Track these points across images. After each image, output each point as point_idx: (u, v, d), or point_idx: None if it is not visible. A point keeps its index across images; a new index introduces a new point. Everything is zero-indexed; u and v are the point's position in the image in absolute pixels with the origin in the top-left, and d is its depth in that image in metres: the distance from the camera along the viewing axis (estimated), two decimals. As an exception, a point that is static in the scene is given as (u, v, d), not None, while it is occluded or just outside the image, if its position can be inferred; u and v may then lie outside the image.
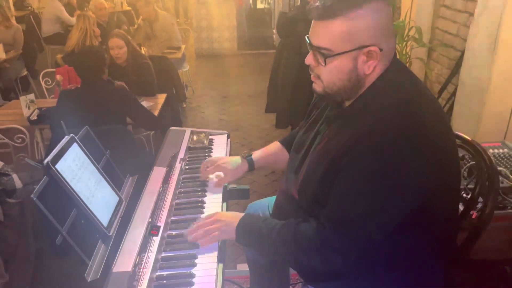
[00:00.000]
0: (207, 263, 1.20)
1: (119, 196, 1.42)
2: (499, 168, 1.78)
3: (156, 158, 1.71)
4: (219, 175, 1.60)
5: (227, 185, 1.61)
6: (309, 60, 1.17)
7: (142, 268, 1.15)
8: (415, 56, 3.27)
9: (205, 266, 1.18)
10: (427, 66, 3.27)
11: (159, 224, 1.31)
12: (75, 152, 1.29)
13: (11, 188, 2.03)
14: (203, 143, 1.87)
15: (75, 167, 1.25)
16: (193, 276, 1.16)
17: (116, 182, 1.46)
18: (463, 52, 2.68)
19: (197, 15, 7.82)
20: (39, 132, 3.24)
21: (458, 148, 1.30)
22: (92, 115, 2.57)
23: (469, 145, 1.41)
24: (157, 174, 1.57)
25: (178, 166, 1.65)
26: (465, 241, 1.35)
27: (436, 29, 3.24)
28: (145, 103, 3.22)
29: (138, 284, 1.10)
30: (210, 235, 1.25)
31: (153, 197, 1.43)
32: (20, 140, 2.88)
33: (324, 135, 1.25)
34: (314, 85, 1.21)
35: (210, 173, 1.60)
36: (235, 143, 4.08)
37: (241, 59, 7.75)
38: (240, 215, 1.30)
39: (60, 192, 1.17)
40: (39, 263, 1.93)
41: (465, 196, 1.59)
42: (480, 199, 1.40)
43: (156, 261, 1.19)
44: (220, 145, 1.89)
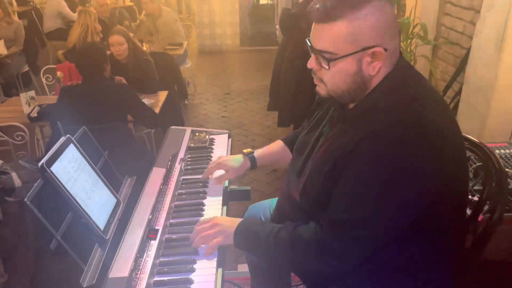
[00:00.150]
0: (206, 268, 1.17)
1: (117, 198, 1.39)
2: (506, 169, 1.74)
3: (155, 158, 1.68)
4: (221, 172, 1.57)
5: (227, 186, 1.58)
6: (311, 64, 1.13)
7: (139, 273, 1.12)
8: (419, 53, 3.22)
9: (204, 272, 1.15)
10: (432, 63, 3.22)
11: (157, 227, 1.28)
12: (71, 153, 1.26)
13: (10, 187, 2.01)
14: (204, 142, 1.84)
15: (71, 169, 1.22)
16: (191, 282, 1.13)
17: (114, 183, 1.43)
18: (469, 50, 2.64)
19: (200, 11, 7.78)
20: (39, 129, 3.22)
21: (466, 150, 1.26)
22: (92, 112, 2.55)
23: (477, 148, 1.37)
24: (156, 175, 1.54)
25: (177, 167, 1.62)
26: (473, 245, 1.32)
27: (442, 26, 3.20)
28: (146, 100, 3.19)
29: (135, 290, 1.07)
30: (210, 242, 1.22)
31: (151, 199, 1.40)
32: (20, 137, 2.86)
33: (327, 137, 1.21)
34: (317, 88, 1.17)
35: (211, 172, 1.57)
36: (237, 140, 4.05)
37: (243, 56, 7.71)
38: (238, 220, 1.28)
39: (55, 195, 1.14)
40: (39, 262, 1.91)
41: (471, 198, 1.56)
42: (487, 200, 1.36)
43: (153, 266, 1.16)
44: (221, 144, 1.86)
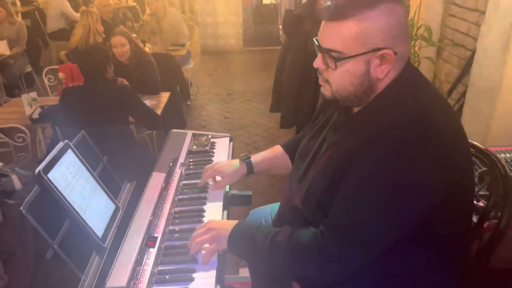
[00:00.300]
0: (205, 277, 1.14)
1: (115, 204, 1.37)
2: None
3: (156, 163, 1.66)
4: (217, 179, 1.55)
5: (228, 191, 1.56)
6: (318, 63, 1.10)
7: (137, 283, 1.10)
8: (423, 55, 3.19)
9: (203, 281, 1.13)
10: (436, 65, 3.19)
11: (156, 234, 1.26)
12: (69, 159, 1.24)
13: (10, 189, 2.01)
14: (205, 146, 1.82)
15: (69, 175, 1.20)
16: (190, 291, 1.11)
17: (113, 189, 1.41)
18: (474, 52, 2.61)
19: (203, 11, 7.76)
20: (41, 130, 3.21)
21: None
22: (93, 114, 2.54)
23: (482, 154, 1.35)
24: (156, 180, 1.52)
25: (178, 172, 1.60)
26: (479, 252, 1.30)
27: (446, 28, 3.16)
28: (147, 101, 3.17)
29: (133, 299, 1.06)
30: (206, 248, 1.20)
31: (151, 205, 1.38)
32: (21, 139, 2.84)
33: (330, 143, 1.18)
34: (322, 89, 1.14)
35: (208, 178, 1.55)
36: (239, 142, 4.03)
37: (246, 56, 7.69)
38: (233, 223, 1.24)
39: (52, 202, 1.12)
40: (39, 264, 1.90)
41: (476, 203, 1.53)
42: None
43: (152, 275, 1.13)
44: (222, 148, 1.84)
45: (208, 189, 1.55)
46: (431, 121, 1.00)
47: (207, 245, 1.22)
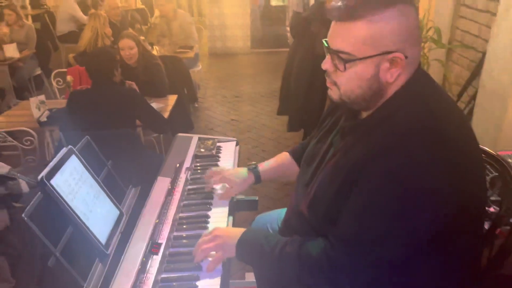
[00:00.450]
0: (210, 285, 1.13)
1: (119, 209, 1.36)
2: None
3: (161, 167, 1.64)
4: (224, 186, 1.53)
5: (234, 196, 1.54)
6: (326, 65, 1.07)
7: (140, 291, 1.08)
8: (433, 57, 3.15)
9: (207, 290, 1.11)
10: (446, 68, 3.15)
11: (160, 241, 1.25)
12: (73, 165, 1.23)
13: (17, 192, 2.01)
14: (211, 150, 1.80)
15: (72, 181, 1.19)
16: (194, 300, 1.09)
17: (117, 195, 1.40)
18: (484, 54, 2.57)
19: (211, 13, 7.77)
20: (49, 133, 3.22)
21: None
22: (100, 117, 2.55)
23: (493, 160, 1.32)
24: (161, 185, 1.51)
25: (183, 177, 1.59)
26: (490, 259, 1.27)
27: (456, 29, 3.12)
28: (155, 104, 3.17)
29: (136, 308, 1.04)
30: (211, 256, 1.18)
31: (155, 210, 1.36)
32: (29, 142, 2.86)
33: (337, 148, 1.15)
34: (329, 91, 1.11)
35: (215, 184, 1.53)
36: (246, 144, 4.01)
37: (254, 58, 7.67)
38: (240, 230, 1.23)
39: (55, 208, 1.11)
40: (45, 268, 1.90)
41: (487, 209, 1.50)
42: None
43: (155, 282, 1.12)
44: (228, 153, 1.82)
45: (213, 194, 1.53)
46: (442, 130, 0.97)
47: (213, 252, 1.21)
